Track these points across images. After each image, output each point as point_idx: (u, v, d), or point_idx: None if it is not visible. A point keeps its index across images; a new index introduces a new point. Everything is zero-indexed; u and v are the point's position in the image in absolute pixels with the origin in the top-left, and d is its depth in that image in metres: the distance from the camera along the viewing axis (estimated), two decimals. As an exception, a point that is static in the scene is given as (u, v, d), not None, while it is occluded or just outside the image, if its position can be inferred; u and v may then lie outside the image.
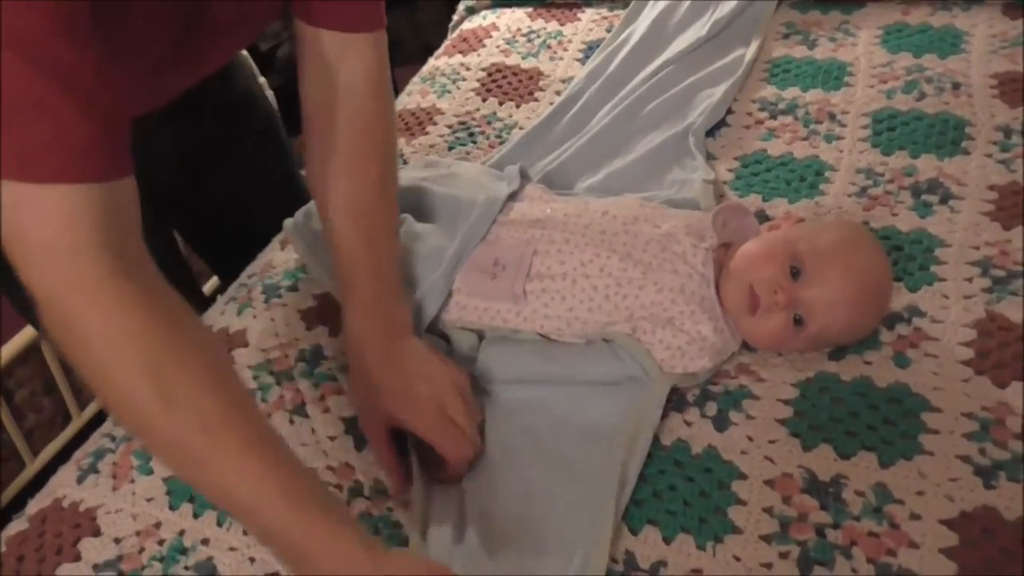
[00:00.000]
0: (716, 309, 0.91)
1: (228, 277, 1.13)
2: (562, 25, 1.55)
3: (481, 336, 0.95)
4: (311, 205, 1.10)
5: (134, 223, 0.68)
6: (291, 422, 0.90)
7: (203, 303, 1.15)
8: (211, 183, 1.17)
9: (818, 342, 0.91)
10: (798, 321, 0.88)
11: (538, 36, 1.53)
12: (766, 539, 0.76)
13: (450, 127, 1.33)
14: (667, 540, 0.77)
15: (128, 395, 0.65)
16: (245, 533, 0.81)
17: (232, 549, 0.80)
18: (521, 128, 1.31)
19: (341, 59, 0.90)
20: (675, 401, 0.89)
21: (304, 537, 0.66)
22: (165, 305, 0.68)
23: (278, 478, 0.66)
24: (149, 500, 0.85)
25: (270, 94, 1.74)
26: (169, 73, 0.92)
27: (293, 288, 1.06)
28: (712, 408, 0.87)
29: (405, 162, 1.27)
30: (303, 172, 1.06)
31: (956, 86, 1.26)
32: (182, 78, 0.97)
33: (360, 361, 0.88)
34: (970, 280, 0.97)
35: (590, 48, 1.47)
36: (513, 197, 1.03)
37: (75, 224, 0.63)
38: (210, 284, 1.73)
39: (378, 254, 0.91)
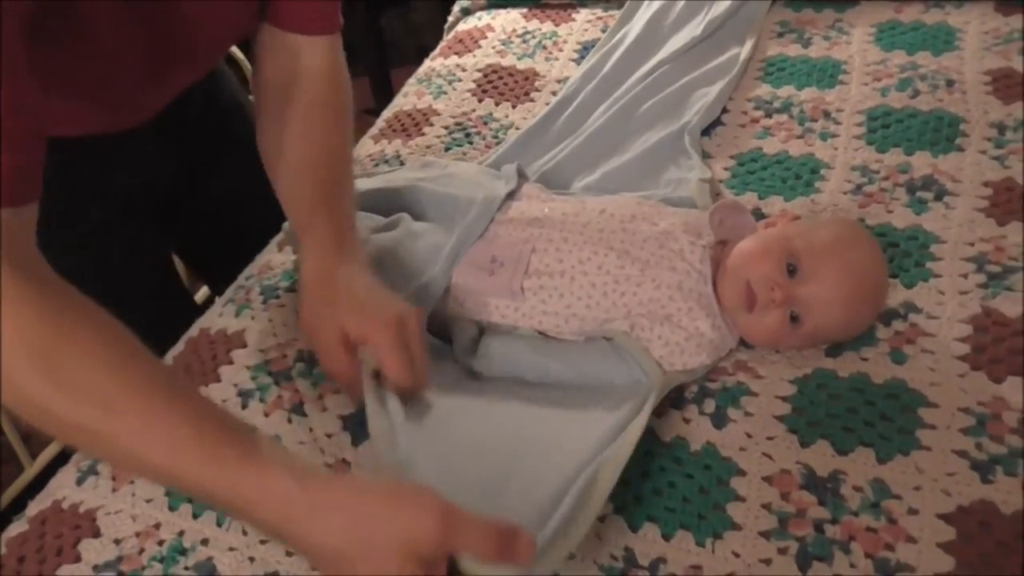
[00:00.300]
0: (713, 306, 0.91)
1: (220, 283, 1.14)
2: (557, 26, 1.55)
3: (482, 330, 0.96)
4: None
5: (31, 235, 0.70)
6: (289, 421, 0.91)
7: (194, 310, 1.15)
8: (210, 185, 1.18)
9: (815, 339, 0.91)
10: (795, 318, 0.88)
11: (533, 37, 1.53)
12: (765, 535, 0.76)
13: (447, 128, 1.33)
14: (666, 537, 0.77)
15: (24, 389, 0.66)
16: (245, 533, 0.81)
17: (232, 549, 0.80)
18: (517, 128, 1.31)
19: (299, 52, 0.96)
20: (673, 398, 0.89)
21: (233, 489, 0.65)
22: (57, 298, 0.68)
23: (192, 437, 0.65)
24: (148, 501, 0.85)
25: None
26: (149, 91, 0.95)
27: (291, 289, 1.06)
28: (710, 405, 0.88)
29: (402, 162, 1.27)
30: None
31: (950, 83, 1.26)
32: (164, 93, 0.99)
33: (318, 283, 0.87)
34: (965, 276, 0.97)
35: (585, 48, 1.48)
36: (511, 196, 1.03)
37: None
38: (199, 295, 1.73)
39: (337, 203, 0.92)
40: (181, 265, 1.68)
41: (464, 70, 1.46)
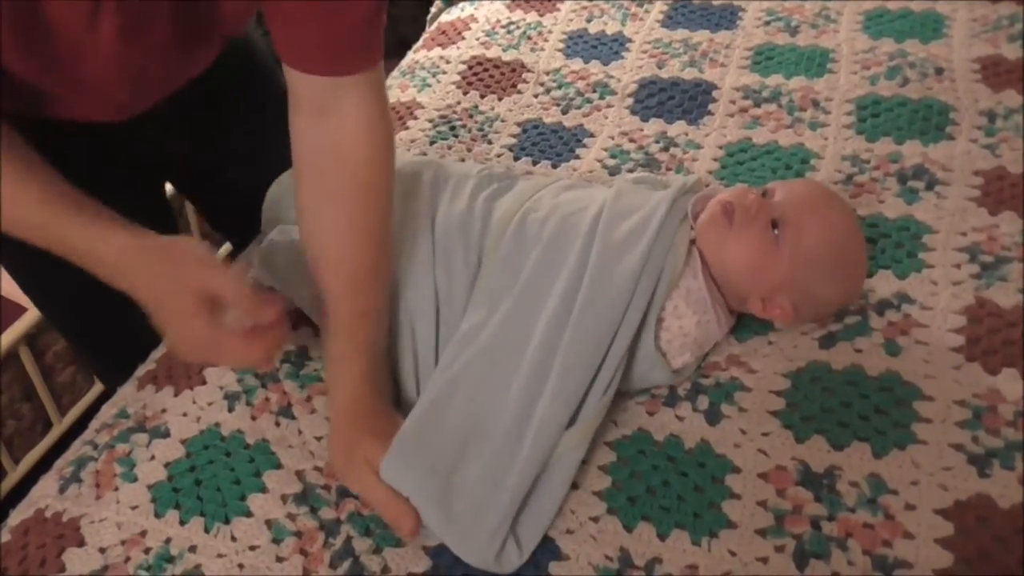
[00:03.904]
0: (704, 301, 0.89)
1: (242, 242, 1.15)
2: (541, 16, 1.54)
3: None
4: (276, 239, 1.05)
5: None
6: (277, 424, 0.89)
7: None
8: (234, 144, 1.13)
9: (799, 265, 0.88)
10: (775, 226, 0.89)
11: (517, 27, 1.51)
12: (761, 533, 0.75)
13: (431, 121, 1.31)
14: (662, 536, 0.76)
15: None
16: (233, 539, 0.80)
17: (220, 556, 0.79)
18: (503, 120, 1.29)
19: (330, 101, 0.84)
20: (666, 396, 0.88)
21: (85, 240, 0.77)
22: None
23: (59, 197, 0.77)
24: (134, 508, 0.83)
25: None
26: (171, 72, 0.92)
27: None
28: (704, 402, 0.87)
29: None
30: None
31: (939, 71, 1.26)
32: (183, 74, 0.95)
33: (350, 422, 0.84)
34: (958, 266, 0.97)
35: (570, 39, 1.46)
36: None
37: None
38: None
39: (373, 328, 0.87)
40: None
41: (448, 62, 1.44)
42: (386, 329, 0.90)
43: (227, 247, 1.72)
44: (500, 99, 1.34)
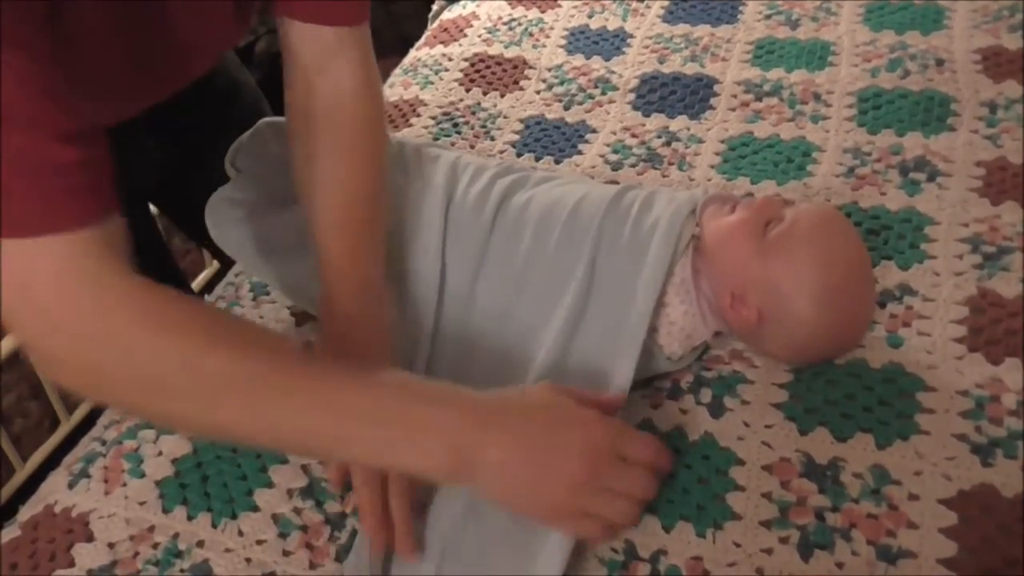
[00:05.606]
0: (690, 292, 0.89)
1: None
2: (543, 12, 1.54)
3: None
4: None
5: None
6: (283, 420, 0.89)
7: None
8: (204, 169, 1.11)
9: (775, 263, 0.86)
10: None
11: (519, 24, 1.51)
12: (766, 524, 0.76)
13: (434, 118, 1.32)
14: (667, 528, 0.77)
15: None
16: (240, 534, 0.80)
17: (228, 550, 0.79)
18: (505, 117, 1.30)
19: (326, 58, 0.87)
20: (670, 389, 0.88)
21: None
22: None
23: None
24: (142, 504, 0.84)
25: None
26: (133, 98, 0.90)
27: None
28: (707, 395, 0.87)
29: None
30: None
31: (940, 62, 1.26)
32: (148, 98, 0.94)
33: (337, 335, 0.85)
34: (961, 257, 0.97)
35: (572, 34, 1.46)
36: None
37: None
38: (204, 275, 1.74)
39: (366, 270, 0.88)
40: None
41: (450, 59, 1.44)
42: (383, 278, 0.90)
43: (215, 266, 1.74)
44: (502, 96, 1.35)
